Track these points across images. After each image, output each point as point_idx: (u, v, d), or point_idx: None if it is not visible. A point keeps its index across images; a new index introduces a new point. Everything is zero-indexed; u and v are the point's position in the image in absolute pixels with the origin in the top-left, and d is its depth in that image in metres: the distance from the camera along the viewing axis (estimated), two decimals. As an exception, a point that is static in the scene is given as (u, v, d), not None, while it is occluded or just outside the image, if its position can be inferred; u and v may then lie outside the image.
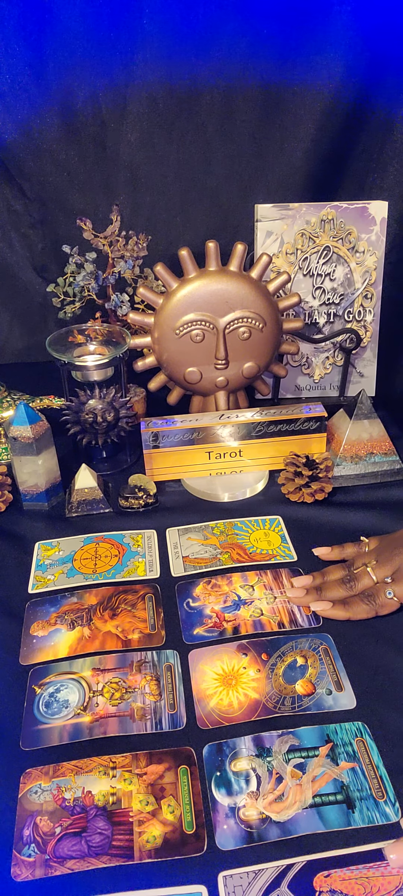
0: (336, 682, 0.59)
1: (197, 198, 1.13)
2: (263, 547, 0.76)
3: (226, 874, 0.45)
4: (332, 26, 0.99)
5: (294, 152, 1.08)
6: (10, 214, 1.14)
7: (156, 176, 1.11)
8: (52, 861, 0.47)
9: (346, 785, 0.51)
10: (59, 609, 0.68)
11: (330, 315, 1.01)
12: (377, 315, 1.00)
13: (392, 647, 0.62)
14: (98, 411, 0.85)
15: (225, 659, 0.62)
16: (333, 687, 0.59)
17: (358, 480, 0.86)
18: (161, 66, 1.03)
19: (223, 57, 1.02)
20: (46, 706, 0.58)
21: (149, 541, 0.78)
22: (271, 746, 0.54)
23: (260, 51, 1.01)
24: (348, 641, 0.63)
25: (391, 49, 1.00)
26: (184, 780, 0.51)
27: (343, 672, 0.60)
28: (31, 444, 0.79)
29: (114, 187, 1.12)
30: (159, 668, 0.61)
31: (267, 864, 0.46)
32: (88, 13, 0.99)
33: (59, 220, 1.14)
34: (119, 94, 1.05)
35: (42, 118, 1.06)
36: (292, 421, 0.86)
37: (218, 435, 0.86)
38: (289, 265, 0.98)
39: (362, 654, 0.62)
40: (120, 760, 0.53)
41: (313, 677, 0.60)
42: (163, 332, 0.88)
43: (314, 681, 0.59)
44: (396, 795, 0.50)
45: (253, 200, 0.99)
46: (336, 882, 0.45)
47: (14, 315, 1.23)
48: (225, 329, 0.87)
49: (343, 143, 1.07)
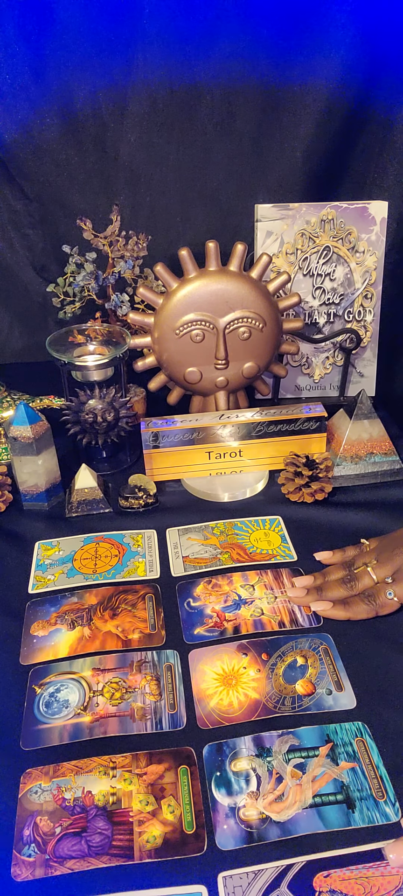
0: (336, 682, 0.59)
1: (197, 198, 1.13)
2: (263, 547, 0.76)
3: (226, 874, 0.45)
4: (332, 26, 0.99)
5: (294, 152, 1.08)
6: (10, 214, 1.14)
7: (156, 176, 1.11)
8: (52, 861, 0.47)
9: (346, 785, 0.51)
10: (59, 609, 0.68)
11: (330, 315, 1.01)
12: (377, 315, 1.01)
13: (392, 647, 0.62)
14: (98, 411, 0.85)
15: (226, 659, 0.62)
16: (333, 687, 0.59)
17: (358, 480, 0.86)
18: (161, 66, 1.03)
19: (223, 57, 1.02)
20: (46, 706, 0.58)
21: (149, 541, 0.78)
22: (271, 746, 0.54)
23: (260, 51, 1.01)
24: (348, 641, 0.63)
25: (391, 49, 1.00)
26: (184, 780, 0.51)
27: (344, 672, 0.60)
28: (31, 444, 0.79)
29: (114, 187, 1.12)
30: (159, 668, 0.61)
31: (266, 865, 0.46)
32: (88, 13, 0.99)
33: (59, 220, 1.14)
34: (119, 94, 1.05)
35: (42, 118, 1.06)
36: (292, 421, 0.86)
37: (218, 435, 0.86)
38: (289, 265, 0.98)
39: (362, 654, 0.62)
40: (120, 760, 0.53)
41: (313, 677, 0.60)
42: (163, 332, 0.88)
43: (314, 681, 0.59)
44: (396, 795, 0.50)
45: (253, 200, 0.99)
46: (335, 882, 0.45)
47: (14, 315, 1.23)
48: (225, 329, 0.87)
49: (343, 143, 1.07)
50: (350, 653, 0.62)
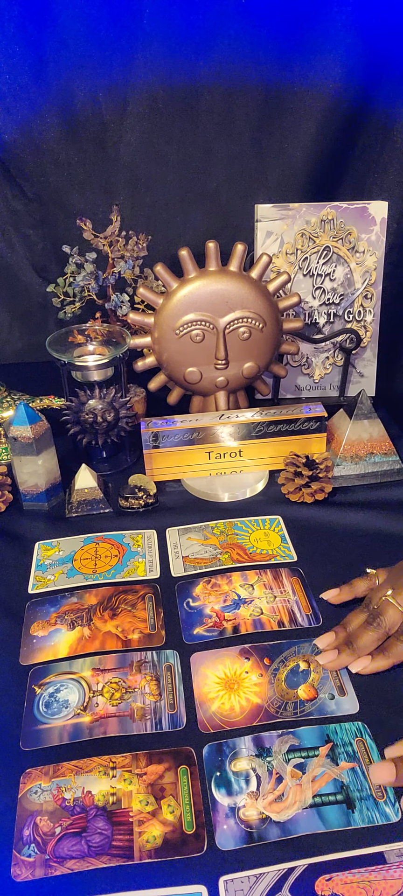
0: (338, 687, 0.59)
1: (197, 198, 1.13)
2: (263, 547, 0.76)
3: (227, 878, 0.45)
4: (332, 27, 0.99)
5: (294, 152, 1.08)
6: (10, 214, 1.14)
7: (156, 176, 1.11)
8: (52, 861, 0.47)
9: (346, 785, 0.51)
10: (59, 609, 0.68)
11: (330, 315, 1.01)
12: (377, 315, 1.00)
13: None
14: (98, 411, 0.85)
15: (227, 663, 0.62)
16: (336, 691, 0.59)
17: (358, 480, 0.86)
18: (161, 66, 1.03)
19: (223, 57, 1.02)
20: (46, 706, 0.58)
21: (149, 541, 0.78)
22: (271, 746, 0.54)
23: (260, 51, 1.01)
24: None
25: (391, 49, 1.00)
26: (184, 780, 0.51)
27: (346, 676, 0.60)
28: (31, 444, 0.79)
29: (114, 187, 1.12)
30: (159, 668, 0.61)
31: (268, 868, 0.46)
32: (88, 13, 0.99)
33: (59, 220, 1.14)
34: (119, 94, 1.05)
35: (42, 118, 1.06)
36: (292, 421, 0.86)
37: (218, 435, 0.86)
38: (289, 265, 0.98)
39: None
40: (120, 760, 0.53)
41: (315, 682, 0.59)
42: (163, 332, 0.88)
43: (316, 686, 0.59)
44: (396, 795, 0.50)
45: (253, 200, 0.99)
46: (337, 886, 0.45)
47: (14, 315, 1.23)
48: (225, 329, 0.87)
49: (344, 143, 1.07)
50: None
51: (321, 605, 0.68)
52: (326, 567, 0.72)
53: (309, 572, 0.72)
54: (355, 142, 1.08)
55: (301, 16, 0.99)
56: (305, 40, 1.00)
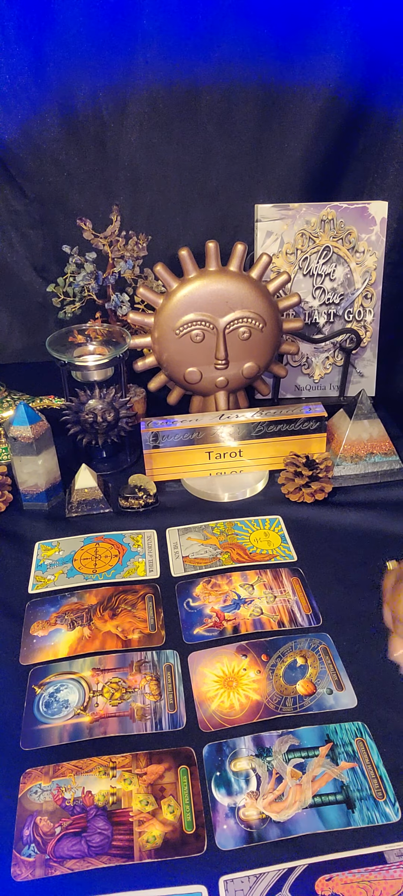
0: (336, 682, 0.59)
1: (197, 198, 1.13)
2: (263, 547, 0.76)
3: (227, 878, 0.45)
4: (332, 26, 0.99)
5: (294, 152, 1.08)
6: (10, 214, 1.14)
7: (156, 176, 1.11)
8: (52, 861, 0.47)
9: (346, 785, 0.51)
10: (59, 609, 0.68)
11: (330, 315, 1.01)
12: (377, 315, 1.00)
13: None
14: (98, 411, 0.85)
15: (225, 661, 0.62)
16: (334, 686, 0.59)
17: (358, 480, 0.86)
18: (161, 66, 1.03)
19: (223, 57, 1.02)
20: (46, 706, 0.58)
21: (149, 541, 0.78)
22: (271, 746, 0.54)
23: (260, 51, 1.01)
24: (346, 640, 0.63)
25: (390, 49, 1.00)
26: (184, 780, 0.51)
27: (343, 671, 0.60)
28: (31, 444, 0.79)
29: (114, 187, 1.12)
30: (159, 668, 0.61)
31: (268, 868, 0.46)
32: (88, 13, 0.99)
33: (59, 220, 1.14)
34: (119, 94, 1.05)
35: (42, 118, 1.06)
36: (292, 421, 0.86)
37: (218, 435, 0.86)
38: (289, 265, 0.98)
39: (361, 653, 0.62)
40: (120, 760, 0.53)
41: (313, 677, 0.60)
42: (163, 332, 0.88)
43: (314, 681, 0.59)
44: (396, 795, 0.50)
45: (253, 200, 0.98)
46: (337, 886, 0.45)
47: (14, 315, 1.23)
48: (225, 329, 0.87)
49: (343, 143, 1.07)
50: (349, 652, 0.62)
51: (321, 605, 0.68)
52: (326, 567, 0.72)
53: (309, 572, 0.72)
54: (355, 142, 1.08)
55: (301, 16, 0.99)
56: (305, 40, 1.00)
